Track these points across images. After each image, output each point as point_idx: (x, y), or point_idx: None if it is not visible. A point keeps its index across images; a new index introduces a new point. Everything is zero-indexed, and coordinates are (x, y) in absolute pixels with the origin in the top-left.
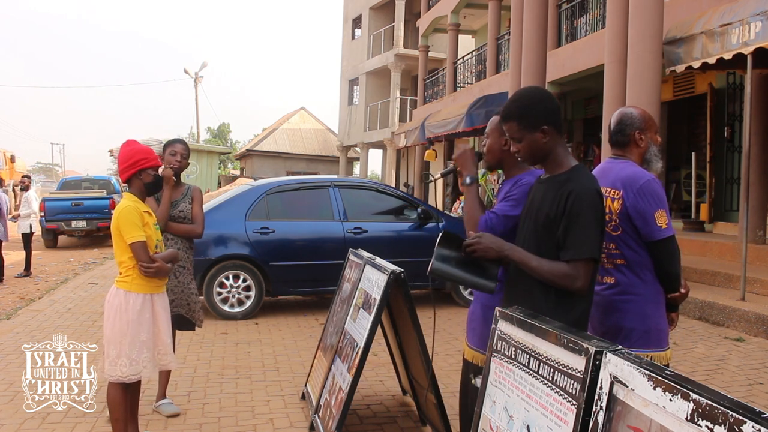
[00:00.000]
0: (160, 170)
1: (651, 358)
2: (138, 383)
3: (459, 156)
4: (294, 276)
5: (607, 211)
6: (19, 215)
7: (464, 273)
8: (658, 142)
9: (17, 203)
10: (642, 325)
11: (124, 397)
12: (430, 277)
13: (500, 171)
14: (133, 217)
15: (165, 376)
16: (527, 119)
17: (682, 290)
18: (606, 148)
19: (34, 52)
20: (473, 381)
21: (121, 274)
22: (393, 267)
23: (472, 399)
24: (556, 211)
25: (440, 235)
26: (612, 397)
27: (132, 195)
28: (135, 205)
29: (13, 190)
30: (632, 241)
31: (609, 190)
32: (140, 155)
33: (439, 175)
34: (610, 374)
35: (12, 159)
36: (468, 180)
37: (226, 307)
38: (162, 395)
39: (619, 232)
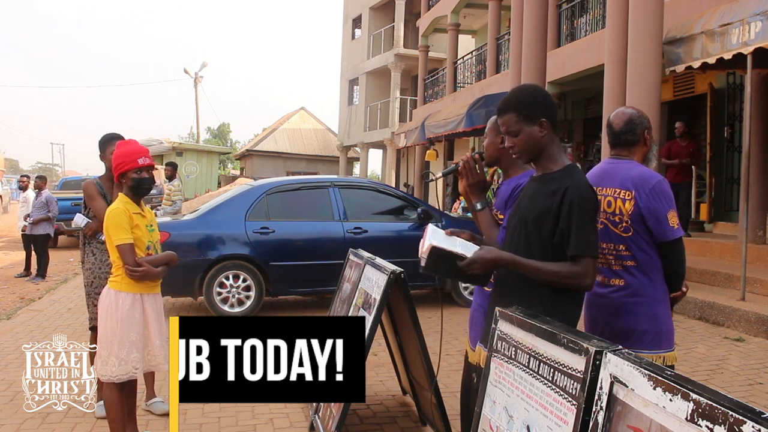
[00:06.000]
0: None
1: (663, 359)
2: (134, 383)
3: (465, 188)
4: (294, 276)
5: (617, 212)
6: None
7: (455, 276)
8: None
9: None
10: (654, 327)
11: (120, 398)
12: (434, 277)
13: (499, 170)
14: (119, 220)
15: (151, 375)
16: (526, 111)
17: (684, 289)
18: (605, 149)
19: (35, 52)
20: (476, 381)
21: (112, 273)
22: (393, 267)
23: (473, 400)
24: (550, 208)
25: (429, 252)
26: (612, 397)
27: (124, 196)
28: (124, 207)
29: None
30: (643, 242)
31: (618, 191)
32: (119, 159)
33: (440, 174)
34: (610, 374)
35: None
36: (478, 206)
37: (226, 307)
38: (152, 394)
39: (630, 234)
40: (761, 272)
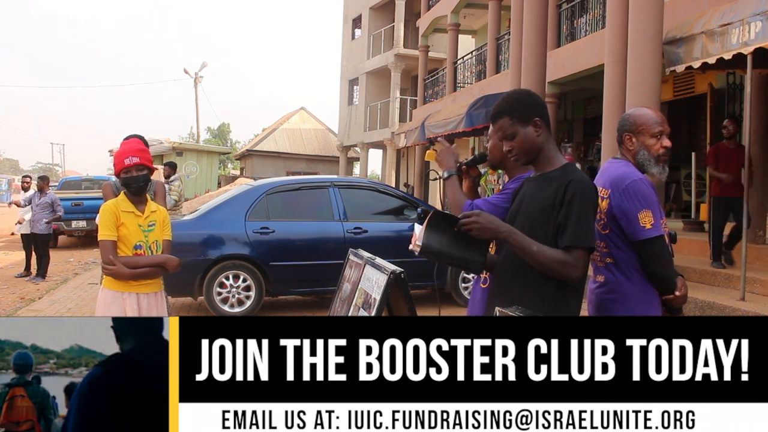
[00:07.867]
0: None
1: None
2: None
3: (440, 153)
4: (294, 276)
5: (599, 209)
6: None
7: (453, 250)
8: (656, 149)
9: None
10: None
11: None
12: (431, 268)
13: (500, 171)
14: (103, 217)
15: None
16: (519, 112)
17: (677, 293)
18: (605, 149)
19: (35, 52)
20: None
21: None
22: (393, 267)
23: None
24: (554, 203)
25: (431, 213)
26: None
27: (123, 194)
28: (112, 205)
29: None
30: (620, 240)
31: (601, 189)
32: (114, 161)
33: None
34: None
35: None
36: (446, 174)
37: (226, 307)
38: None
39: (607, 231)
40: (761, 272)
